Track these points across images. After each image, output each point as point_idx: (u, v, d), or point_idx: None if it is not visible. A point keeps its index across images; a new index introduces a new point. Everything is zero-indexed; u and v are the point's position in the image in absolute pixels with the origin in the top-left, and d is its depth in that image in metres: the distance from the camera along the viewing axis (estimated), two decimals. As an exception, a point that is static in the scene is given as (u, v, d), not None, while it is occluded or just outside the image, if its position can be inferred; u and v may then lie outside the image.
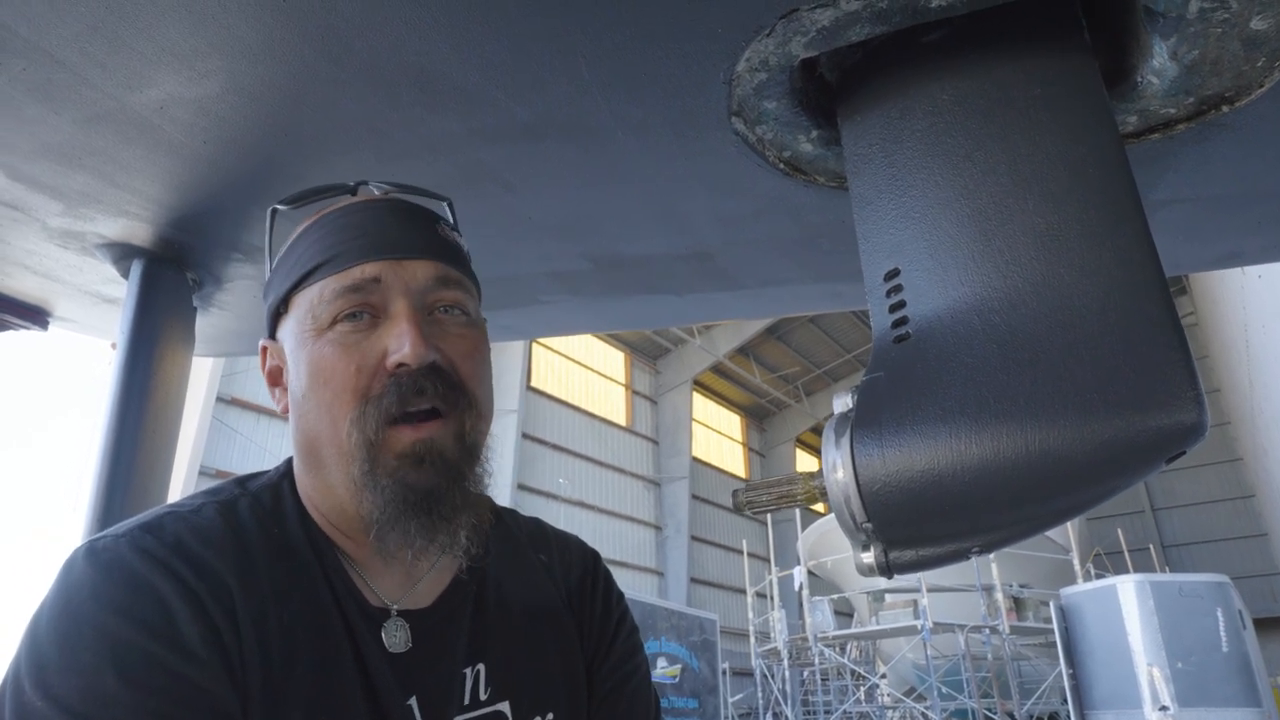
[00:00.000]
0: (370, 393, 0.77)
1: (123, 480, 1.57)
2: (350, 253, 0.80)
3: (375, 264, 0.80)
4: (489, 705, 0.84)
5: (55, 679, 0.64)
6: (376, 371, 0.78)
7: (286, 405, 0.84)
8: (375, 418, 0.76)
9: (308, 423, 0.80)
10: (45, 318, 1.98)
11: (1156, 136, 1.19)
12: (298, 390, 0.81)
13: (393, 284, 0.80)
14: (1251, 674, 7.75)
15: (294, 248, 0.85)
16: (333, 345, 0.78)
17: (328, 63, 1.10)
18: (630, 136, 1.27)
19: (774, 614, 16.15)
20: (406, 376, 0.77)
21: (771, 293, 1.93)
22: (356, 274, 0.79)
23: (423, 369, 0.77)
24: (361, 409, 0.77)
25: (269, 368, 0.87)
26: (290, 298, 0.83)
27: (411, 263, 0.81)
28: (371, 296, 0.79)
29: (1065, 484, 0.79)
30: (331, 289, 0.79)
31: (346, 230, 0.82)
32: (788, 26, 1.00)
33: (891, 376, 0.88)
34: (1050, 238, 0.87)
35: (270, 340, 0.87)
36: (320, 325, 0.79)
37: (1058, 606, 9.00)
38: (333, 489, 0.81)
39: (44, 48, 1.08)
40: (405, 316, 0.79)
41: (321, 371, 0.78)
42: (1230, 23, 0.97)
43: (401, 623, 0.82)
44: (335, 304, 0.79)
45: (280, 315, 0.85)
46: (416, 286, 0.81)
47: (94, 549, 0.72)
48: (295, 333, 0.82)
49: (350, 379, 0.77)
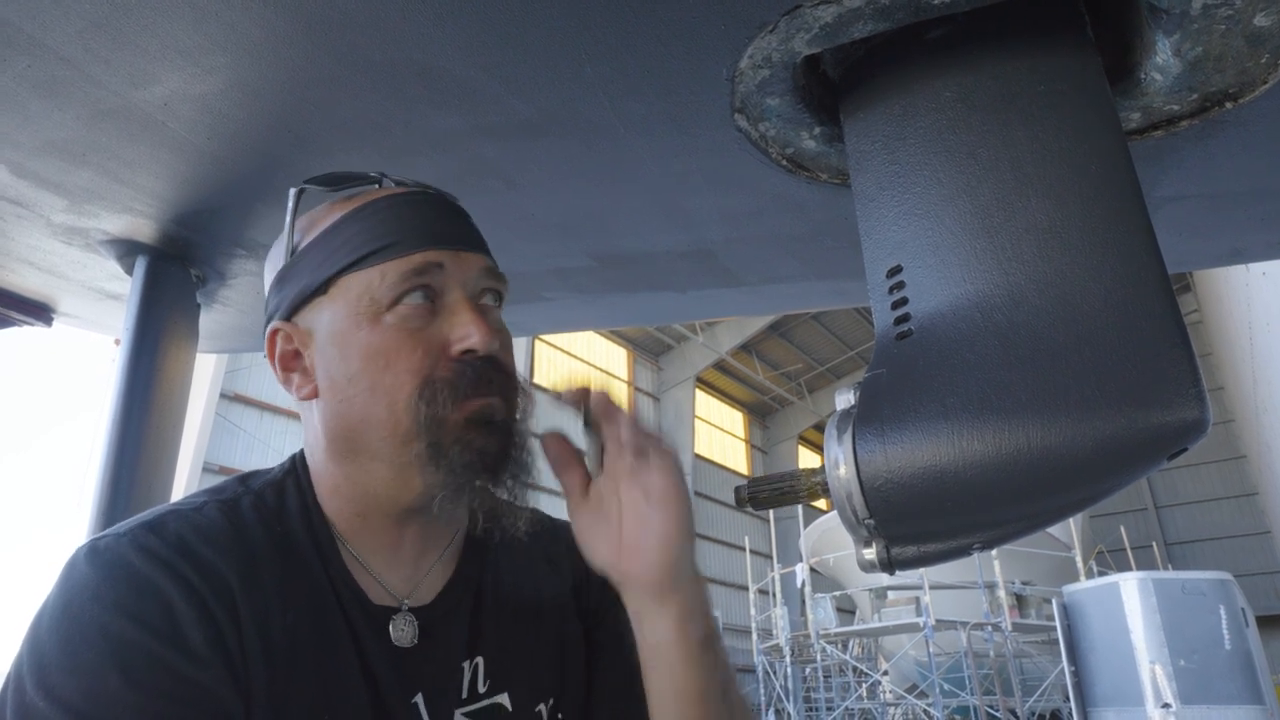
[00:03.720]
0: (435, 374, 0.78)
1: (127, 477, 1.57)
2: (413, 239, 0.81)
3: (439, 251, 0.81)
4: (488, 697, 0.84)
5: (57, 679, 0.64)
6: (440, 357, 0.79)
7: (312, 390, 0.82)
8: (447, 395, 0.77)
9: (351, 407, 0.79)
10: (49, 314, 1.98)
11: (1160, 133, 1.19)
12: (342, 374, 0.79)
13: (453, 273, 0.81)
14: (1254, 672, 7.74)
15: (338, 231, 0.82)
16: (394, 330, 0.78)
17: (331, 59, 1.11)
18: (633, 133, 1.27)
19: (776, 611, 16.17)
20: (473, 364, 0.79)
21: (774, 289, 1.93)
22: (420, 259, 0.80)
23: (486, 356, 0.79)
24: (429, 387, 0.77)
25: (282, 351, 0.84)
26: (335, 280, 0.81)
27: (467, 254, 0.83)
28: (435, 281, 0.80)
29: (1067, 480, 0.79)
30: (395, 272, 0.79)
31: (406, 219, 0.82)
32: (791, 23, 1.00)
33: (894, 373, 0.88)
34: (1053, 235, 0.87)
35: (287, 323, 0.84)
36: (379, 308, 0.78)
37: (1060, 604, 9.00)
38: (369, 475, 0.80)
39: (48, 44, 1.08)
40: (468, 306, 0.81)
41: (383, 354, 0.78)
42: (1234, 19, 0.97)
43: (410, 618, 0.82)
44: (400, 286, 0.79)
45: (311, 298, 0.82)
46: (472, 277, 0.83)
47: (96, 548, 0.71)
48: (343, 315, 0.80)
49: (416, 361, 0.78)
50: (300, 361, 0.83)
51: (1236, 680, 7.66)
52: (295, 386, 0.84)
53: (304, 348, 0.83)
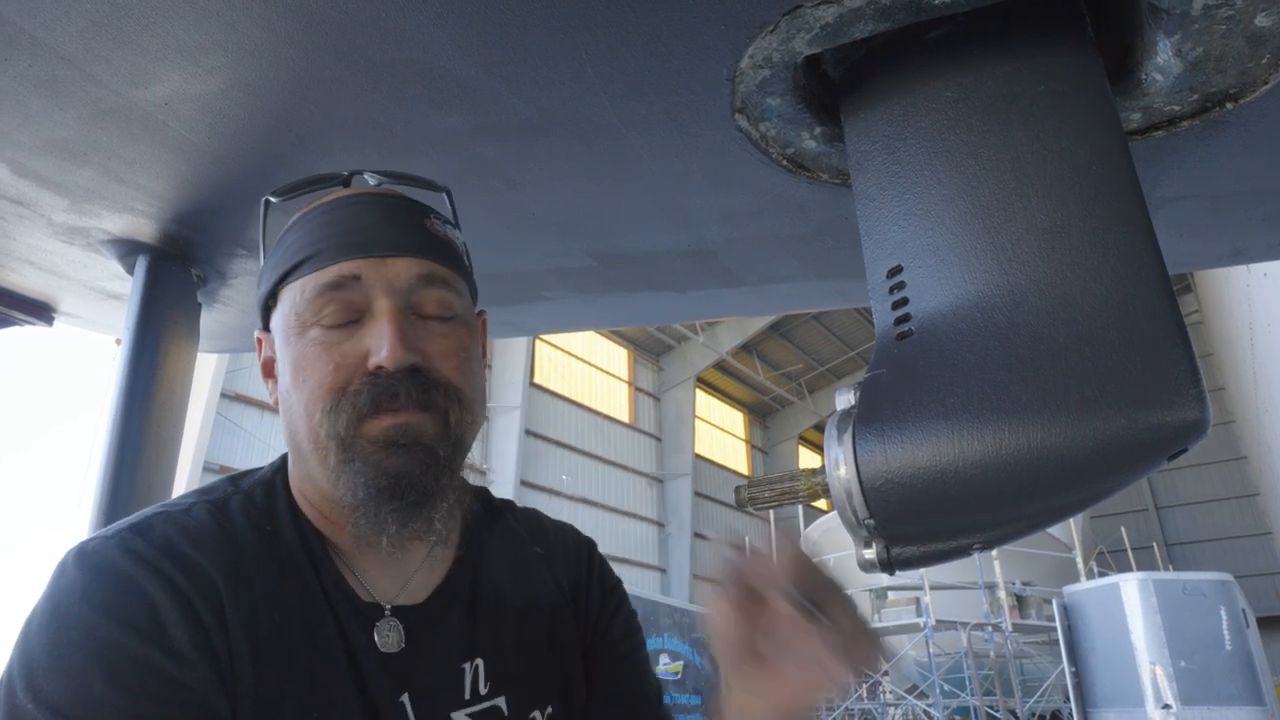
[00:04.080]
0: (347, 389, 0.77)
1: (127, 476, 1.57)
2: (331, 250, 0.79)
3: (355, 262, 0.79)
4: (488, 700, 0.84)
5: (45, 682, 0.65)
6: (355, 370, 0.77)
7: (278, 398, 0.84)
8: (348, 413, 0.76)
9: (291, 415, 0.80)
10: (50, 313, 1.99)
11: (1160, 134, 1.19)
12: (283, 385, 0.81)
13: (374, 283, 0.79)
14: (1254, 672, 7.73)
15: (282, 241, 0.84)
16: (313, 343, 0.78)
17: (331, 59, 1.11)
18: (633, 133, 1.27)
19: (776, 611, 16.12)
20: (384, 378, 0.76)
21: (774, 289, 1.93)
22: (334, 272, 0.79)
23: (401, 371, 0.76)
24: (335, 403, 0.76)
25: (263, 359, 0.88)
26: (277, 291, 0.83)
27: (394, 260, 0.80)
28: (352, 294, 0.78)
29: (1067, 480, 0.79)
30: (312, 286, 0.79)
31: (329, 226, 0.81)
32: (791, 23, 1.00)
33: (894, 373, 0.88)
34: (1053, 235, 0.87)
35: (264, 331, 0.87)
36: (303, 322, 0.79)
37: (1060, 604, 8.99)
38: (315, 481, 0.82)
39: (49, 43, 1.09)
40: (386, 317, 0.78)
41: (303, 368, 0.78)
42: (1235, 20, 0.97)
43: (394, 622, 0.81)
44: (315, 302, 0.78)
45: (270, 308, 0.85)
46: (399, 285, 0.80)
47: (83, 551, 0.72)
48: (281, 327, 0.82)
49: (327, 376, 0.77)
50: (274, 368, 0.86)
51: (1237, 681, 7.66)
52: (270, 392, 0.86)
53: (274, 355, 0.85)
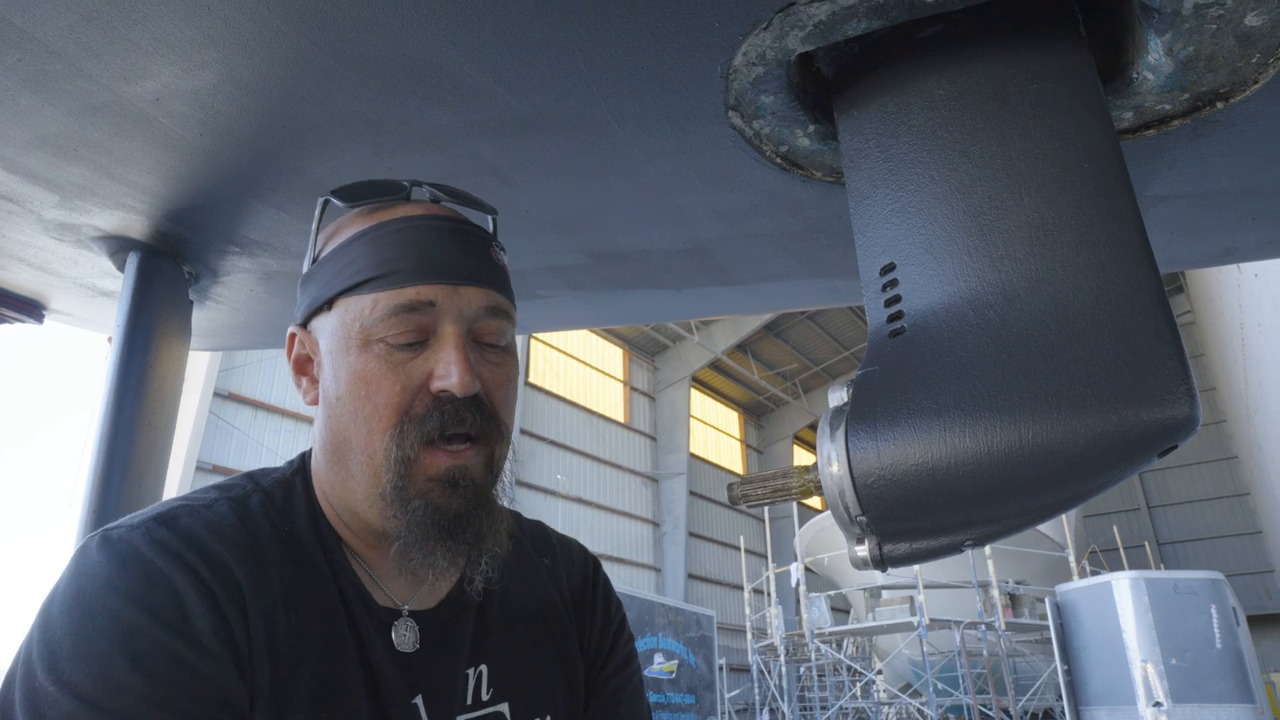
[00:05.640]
0: (412, 411, 0.78)
1: (119, 475, 1.57)
2: (408, 271, 0.80)
3: (432, 287, 0.80)
4: (490, 706, 0.85)
5: (67, 665, 0.65)
6: (420, 391, 0.79)
7: (315, 397, 0.85)
8: (415, 436, 0.77)
9: (340, 425, 0.81)
10: (41, 311, 1.98)
11: (1152, 133, 1.19)
12: (332, 392, 0.81)
13: (446, 309, 0.80)
14: (1245, 670, 7.77)
15: (347, 250, 0.83)
16: (379, 360, 0.79)
17: (324, 55, 1.10)
18: (627, 131, 1.27)
19: (771, 610, 16.17)
20: (449, 403, 0.78)
21: (768, 288, 1.93)
22: (412, 294, 0.79)
23: (465, 398, 0.78)
24: (401, 426, 0.78)
25: (296, 355, 0.87)
26: (336, 299, 0.82)
27: (466, 289, 0.81)
28: (424, 318, 0.79)
29: (1059, 477, 0.79)
30: (385, 305, 0.79)
31: (405, 246, 0.81)
32: (785, 21, 1.00)
33: (886, 370, 0.88)
34: (1045, 233, 0.87)
35: (301, 328, 0.87)
36: (368, 337, 0.79)
37: (1053, 603, 9.02)
38: (354, 493, 0.82)
39: (39, 38, 1.08)
40: (454, 345, 0.79)
41: (365, 383, 0.79)
42: (1225, 19, 0.97)
43: (411, 623, 0.83)
44: (388, 321, 0.79)
45: (319, 311, 0.84)
46: (469, 314, 0.81)
47: (109, 538, 0.72)
48: (339, 335, 0.81)
49: (395, 396, 0.78)
50: (310, 367, 0.86)
51: (1227, 679, 7.70)
52: (303, 390, 0.87)
53: (314, 354, 0.85)
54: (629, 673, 1.00)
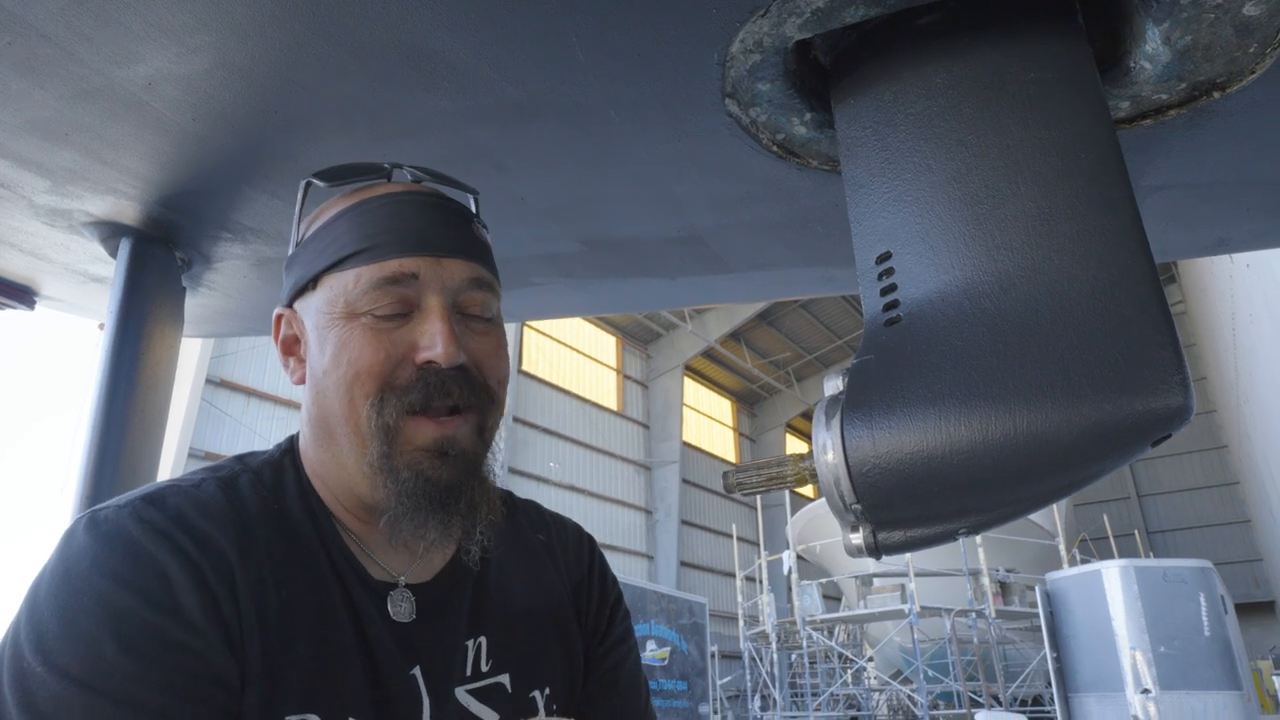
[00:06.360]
0: (395, 381, 0.78)
1: (111, 462, 1.56)
2: (390, 245, 0.80)
3: (415, 259, 0.80)
4: (490, 677, 0.86)
5: (55, 646, 0.65)
6: (403, 362, 0.79)
7: (302, 376, 0.85)
8: (396, 405, 0.78)
9: (325, 399, 0.81)
10: (32, 297, 1.96)
11: (1148, 122, 1.19)
12: (318, 366, 0.81)
13: (430, 281, 0.80)
14: (1232, 658, 7.85)
15: (330, 228, 0.84)
16: (363, 330, 0.79)
17: (318, 39, 1.09)
18: (623, 118, 1.26)
19: (763, 597, 16.27)
20: (434, 374, 0.78)
21: (763, 276, 1.93)
22: (395, 267, 0.79)
23: (451, 369, 0.79)
24: (382, 394, 0.78)
25: (284, 336, 0.88)
26: (321, 277, 0.83)
27: (449, 261, 0.82)
28: (407, 290, 0.80)
29: (1053, 465, 0.80)
30: (368, 278, 0.79)
31: (388, 220, 0.82)
32: (783, 7, 1.00)
33: (882, 359, 0.89)
34: (1041, 222, 0.87)
35: (288, 309, 0.88)
36: (352, 311, 0.80)
37: (1043, 591, 9.08)
38: (344, 467, 0.82)
39: (29, 21, 1.07)
40: (439, 315, 0.79)
41: (347, 352, 0.79)
42: (1223, 8, 0.97)
43: (407, 593, 0.83)
44: (371, 294, 0.79)
45: (305, 290, 0.85)
46: (452, 285, 0.81)
47: (95, 519, 0.72)
48: (323, 311, 0.82)
49: (377, 364, 0.78)
50: (298, 348, 0.86)
51: (1215, 666, 7.77)
52: (291, 370, 0.87)
53: (301, 334, 0.86)
54: (626, 648, 1.00)
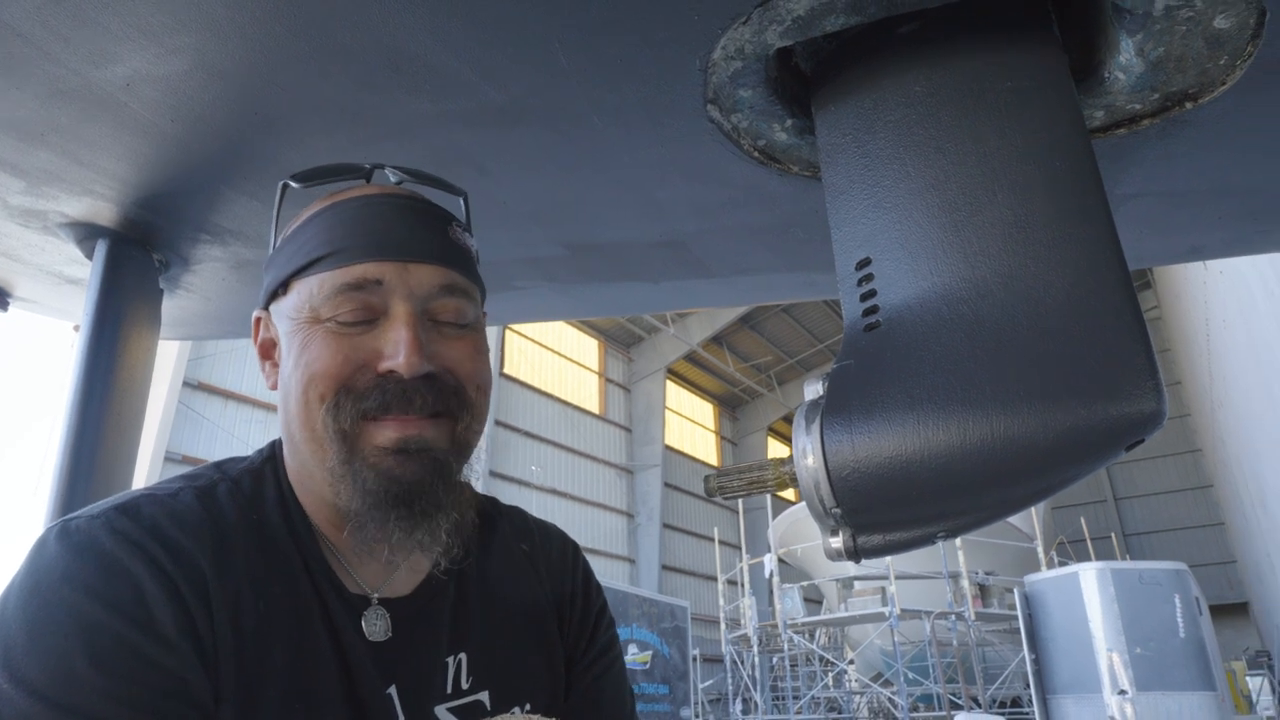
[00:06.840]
0: (353, 386, 0.76)
1: (86, 466, 1.54)
2: (355, 250, 0.79)
3: (379, 264, 0.78)
4: (470, 694, 0.84)
5: (22, 661, 0.63)
6: (364, 368, 0.77)
7: (275, 381, 0.84)
8: (351, 410, 0.76)
9: (289, 404, 0.80)
10: (5, 298, 1.93)
11: (1122, 131, 1.21)
12: (286, 371, 0.80)
13: (395, 288, 0.78)
14: (1207, 659, 7.95)
15: (302, 230, 0.83)
16: (324, 334, 0.78)
17: (300, 42, 1.09)
18: (606, 123, 1.27)
19: (744, 601, 16.29)
20: (395, 384, 0.76)
21: (745, 281, 1.94)
22: (359, 272, 0.78)
23: (415, 378, 0.77)
24: (337, 399, 0.76)
25: (261, 340, 0.87)
26: (291, 281, 0.82)
27: (417, 267, 0.80)
28: (371, 297, 0.78)
29: (1029, 470, 0.81)
30: (332, 284, 0.78)
31: (355, 224, 0.80)
32: (764, 15, 1.00)
33: (862, 364, 0.89)
34: (1018, 229, 0.88)
35: (265, 313, 0.86)
36: (316, 316, 0.78)
37: (1022, 593, 9.17)
38: (311, 474, 0.81)
39: (4, 19, 1.05)
40: (405, 323, 0.77)
41: (306, 355, 0.78)
42: (1194, 21, 0.99)
43: (381, 611, 0.81)
44: (334, 300, 0.77)
45: (277, 294, 0.84)
46: (420, 292, 0.79)
47: (67, 529, 0.70)
48: (291, 316, 0.80)
49: (334, 367, 0.76)
50: (274, 352, 0.85)
51: (1190, 667, 7.87)
52: (266, 374, 0.86)
53: (277, 339, 0.84)
54: (610, 658, 0.99)
